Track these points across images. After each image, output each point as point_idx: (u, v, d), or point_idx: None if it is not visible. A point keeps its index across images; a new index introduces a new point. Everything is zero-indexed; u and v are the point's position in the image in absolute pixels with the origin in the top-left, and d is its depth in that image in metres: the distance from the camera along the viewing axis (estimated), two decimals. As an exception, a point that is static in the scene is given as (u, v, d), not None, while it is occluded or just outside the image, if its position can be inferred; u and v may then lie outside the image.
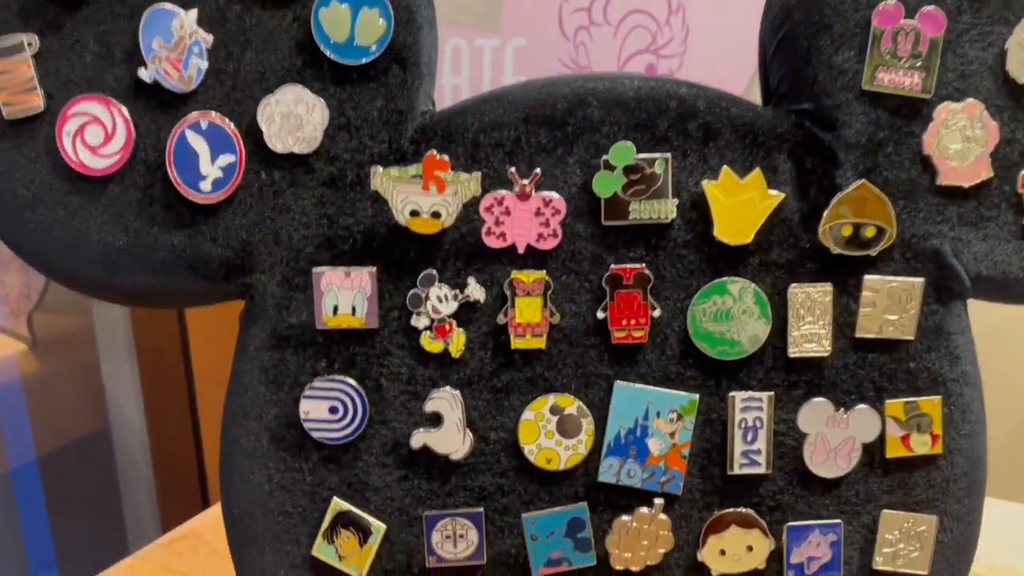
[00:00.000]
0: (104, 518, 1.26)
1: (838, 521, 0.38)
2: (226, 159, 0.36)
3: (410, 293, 0.37)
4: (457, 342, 0.37)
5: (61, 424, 1.27)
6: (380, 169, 0.36)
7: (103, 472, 1.26)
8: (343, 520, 0.37)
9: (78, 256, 0.36)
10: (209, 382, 1.14)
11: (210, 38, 0.35)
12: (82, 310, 1.24)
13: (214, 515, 0.72)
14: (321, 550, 0.38)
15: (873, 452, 0.38)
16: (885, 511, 0.38)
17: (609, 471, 0.38)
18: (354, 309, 0.37)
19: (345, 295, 0.37)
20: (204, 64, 0.36)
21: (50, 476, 1.26)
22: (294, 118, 0.36)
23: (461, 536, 0.38)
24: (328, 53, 0.35)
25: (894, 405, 0.38)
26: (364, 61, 0.35)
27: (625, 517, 0.38)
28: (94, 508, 1.28)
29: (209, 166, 0.36)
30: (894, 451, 0.38)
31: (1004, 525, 0.67)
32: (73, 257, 0.36)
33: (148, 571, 0.64)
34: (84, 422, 1.27)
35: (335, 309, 0.37)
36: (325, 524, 0.37)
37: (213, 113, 0.36)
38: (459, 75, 0.84)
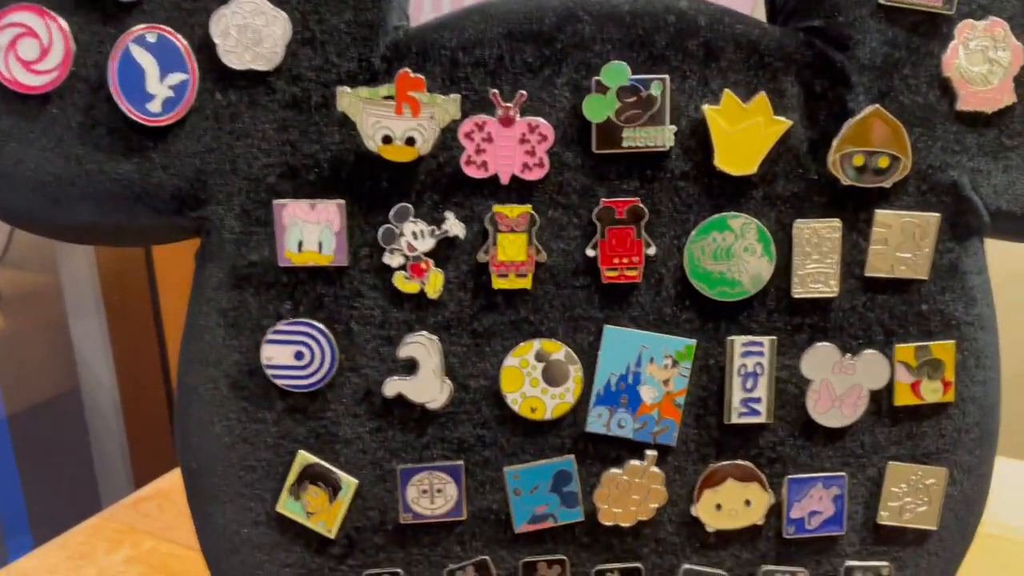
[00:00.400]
0: (76, 476, 1.23)
1: (842, 474, 0.36)
2: (176, 77, 0.32)
3: (382, 228, 0.34)
4: (434, 282, 0.34)
5: (30, 382, 1.23)
6: (348, 90, 0.32)
7: (74, 430, 1.23)
8: (310, 474, 0.35)
9: (13, 186, 0.33)
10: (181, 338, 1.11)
11: (156, -60, 0.32)
12: (48, 267, 1.20)
13: (179, 475, 0.69)
14: (287, 506, 0.35)
15: (881, 400, 0.36)
16: (892, 463, 0.36)
17: (598, 421, 0.35)
18: (321, 245, 0.34)
19: (310, 229, 0.33)
20: (150, -30, 0.32)
21: (21, 434, 1.23)
22: (252, 31, 0.32)
23: (439, 491, 0.35)
24: (289, -42, 0.32)
25: (904, 350, 0.35)
26: (329, -32, 0.32)
27: (615, 470, 0.35)
28: (66, 467, 1.25)
29: (157, 85, 0.32)
30: (903, 399, 0.36)
31: (1007, 481, 0.65)
32: (8, 187, 0.33)
33: (114, 530, 0.62)
34: (54, 380, 1.23)
35: (300, 245, 0.34)
36: (291, 479, 0.35)
37: (162, 26, 0.32)
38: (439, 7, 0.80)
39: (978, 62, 0.34)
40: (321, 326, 0.34)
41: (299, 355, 0.34)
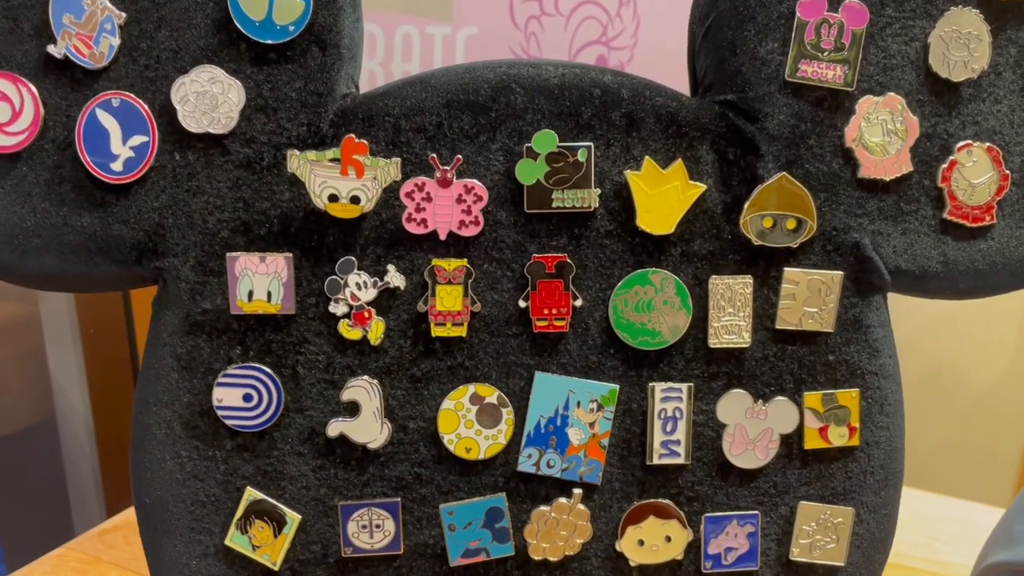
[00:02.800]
0: (50, 504, 1.24)
1: (756, 512, 0.38)
2: (138, 139, 0.35)
3: (328, 279, 0.36)
4: (376, 330, 0.37)
5: (7, 411, 1.24)
6: (297, 152, 0.35)
7: (49, 460, 1.23)
8: (257, 510, 0.37)
9: (-17, 237, 0.35)
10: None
11: (123, 15, 0.34)
12: (28, 298, 1.21)
13: (150, 504, 0.70)
14: (235, 540, 0.37)
15: (791, 444, 0.38)
16: (802, 502, 0.38)
17: (528, 461, 0.38)
18: (270, 295, 0.36)
19: (260, 280, 0.36)
20: (116, 41, 0.35)
21: (-5, 462, 1.23)
22: (209, 98, 0.35)
23: (377, 526, 0.37)
24: (245, 32, 0.35)
25: (812, 397, 0.38)
26: (282, 41, 0.35)
27: (544, 507, 0.38)
28: (40, 495, 1.25)
29: (120, 146, 0.35)
30: (812, 443, 0.38)
31: (945, 519, 0.68)
32: (-22, 238, 0.35)
33: (79, 560, 0.63)
34: (30, 409, 1.24)
35: (250, 295, 0.36)
36: (239, 514, 0.37)
37: (126, 92, 0.35)
38: (409, 62, 0.84)
39: (877, 134, 0.37)
40: (269, 370, 0.36)
41: (248, 397, 0.36)
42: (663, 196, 0.37)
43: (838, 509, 0.39)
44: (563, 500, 0.38)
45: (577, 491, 0.38)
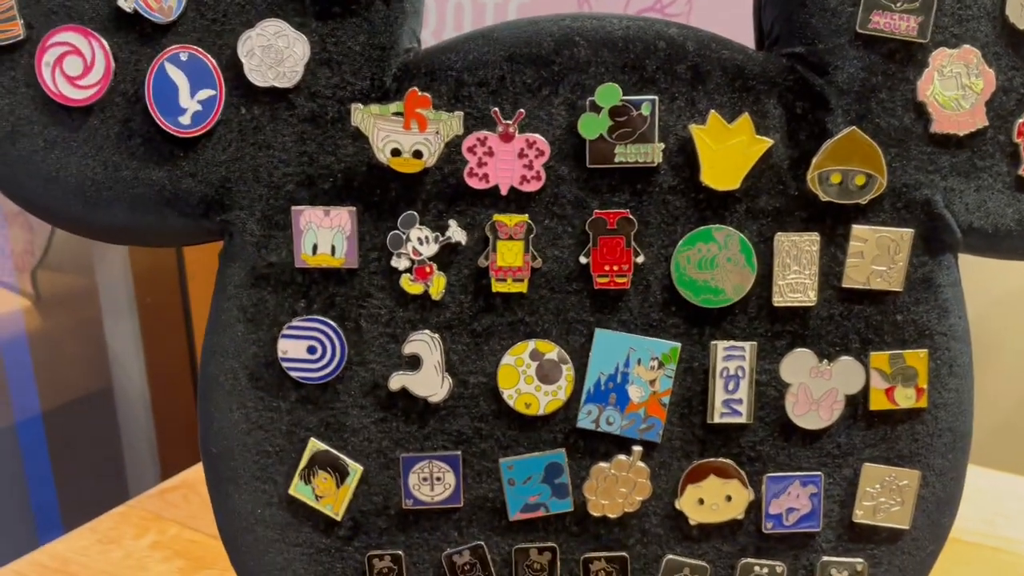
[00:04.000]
0: (106, 472, 1.28)
1: (819, 473, 0.38)
2: (206, 93, 0.35)
3: (390, 234, 0.36)
4: (437, 285, 0.37)
5: (65, 380, 1.28)
6: (360, 106, 0.35)
7: (106, 428, 1.27)
8: (320, 461, 0.37)
9: (57, 190, 0.36)
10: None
11: (191, -31, 0.35)
12: (85, 270, 1.24)
13: (207, 467, 0.72)
14: (298, 490, 0.38)
15: (856, 404, 0.38)
16: (867, 464, 0.38)
17: (588, 418, 0.38)
18: (334, 249, 0.36)
19: (325, 234, 0.36)
20: (184, -5, 0.35)
21: (54, 430, 1.27)
22: (275, 52, 0.35)
23: (438, 479, 0.38)
24: (310, -14, 0.35)
25: (879, 357, 0.37)
26: (346, -5, 0.35)
27: (603, 464, 0.38)
28: (97, 463, 1.29)
29: (188, 100, 0.35)
30: (878, 404, 0.38)
31: (1007, 496, 0.67)
32: (52, 191, 0.36)
33: (140, 518, 0.65)
34: (88, 379, 1.28)
35: (314, 248, 0.36)
36: (302, 464, 0.37)
37: (193, 46, 0.35)
38: (461, 31, 0.83)
39: (951, 88, 0.36)
40: (333, 323, 0.37)
41: (312, 349, 0.37)
42: (728, 151, 0.36)
43: (904, 472, 0.38)
44: (623, 457, 0.38)
45: (637, 448, 0.38)
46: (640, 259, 0.37)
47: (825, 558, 0.38)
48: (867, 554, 0.39)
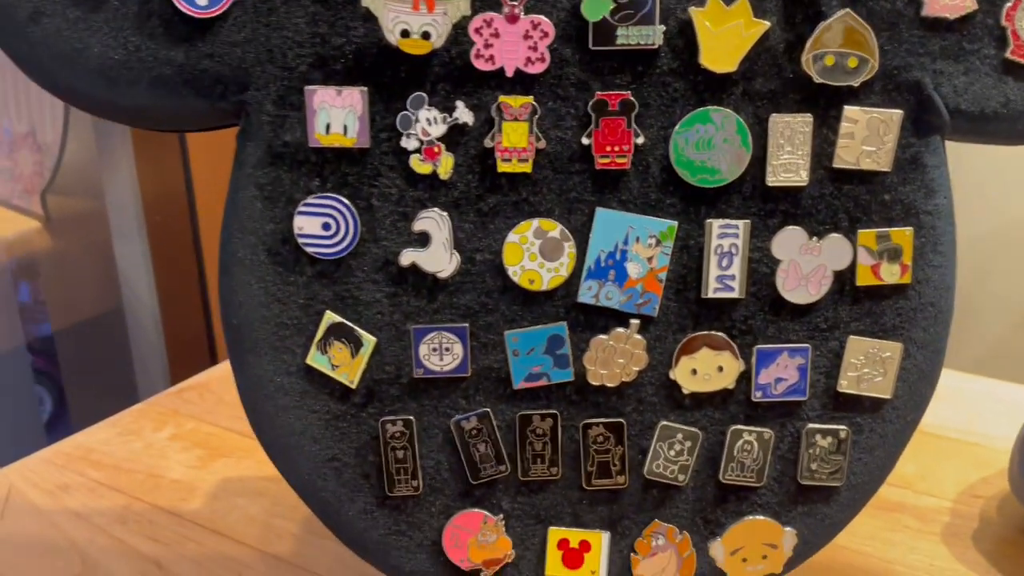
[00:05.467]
0: (119, 392, 1.31)
1: (806, 345, 0.40)
2: (221, -26, 0.37)
3: (400, 115, 0.38)
4: (445, 164, 0.39)
5: (75, 301, 1.30)
6: (371, -13, 0.36)
7: (117, 347, 1.30)
8: (335, 332, 0.40)
9: (79, 69, 0.37)
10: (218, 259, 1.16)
11: None
12: (94, 192, 1.26)
13: (220, 370, 0.75)
14: (315, 359, 0.40)
15: (844, 280, 0.40)
16: (852, 337, 0.40)
17: (588, 293, 0.40)
18: (346, 128, 0.38)
19: (337, 114, 0.38)
20: None
21: (66, 350, 1.30)
22: (287, -67, 0.36)
23: (447, 349, 0.40)
24: None
25: (867, 235, 0.39)
26: None
27: (602, 336, 0.40)
28: (109, 382, 1.32)
29: (204, -19, 0.37)
30: (864, 279, 0.40)
31: (986, 398, 0.69)
32: (74, 70, 0.37)
33: (159, 413, 0.68)
34: (98, 299, 1.30)
35: (327, 127, 0.38)
36: (319, 335, 0.40)
37: (208, -72, 0.36)
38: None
39: (944, -29, 0.37)
40: (346, 201, 0.39)
41: (326, 226, 0.39)
42: (726, 34, 0.37)
43: (887, 344, 0.40)
44: (621, 330, 0.40)
45: (635, 321, 0.40)
46: (640, 140, 0.38)
47: (811, 425, 0.41)
48: (850, 422, 0.41)
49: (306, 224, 0.39)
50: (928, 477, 0.59)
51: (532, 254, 0.39)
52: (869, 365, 0.40)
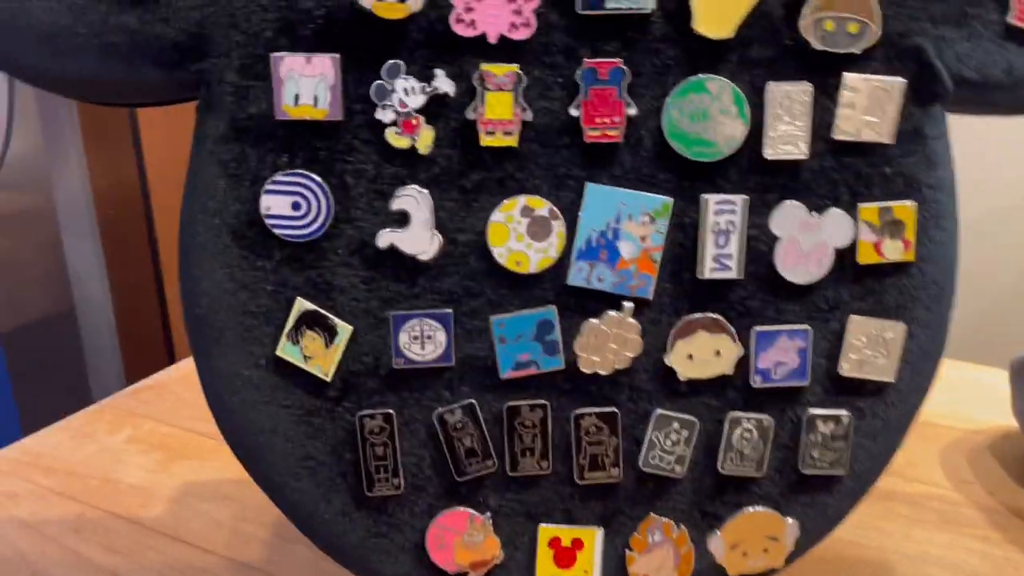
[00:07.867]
0: (72, 394, 1.26)
1: (807, 327, 0.38)
2: (177, -69, 0.34)
3: (375, 84, 0.35)
4: (425, 138, 0.36)
5: (24, 301, 1.25)
6: (343, -55, 0.34)
7: (69, 349, 1.25)
8: (308, 320, 0.37)
9: (20, 37, 0.34)
10: (176, 255, 1.12)
11: None
12: (42, 187, 1.20)
13: (177, 370, 0.71)
14: (286, 350, 0.37)
15: (845, 258, 0.38)
16: (854, 317, 0.38)
17: (579, 275, 0.37)
18: (316, 99, 0.35)
19: (306, 83, 0.35)
20: None
21: (14, 351, 1.24)
22: None
23: (429, 337, 0.37)
24: None
25: (868, 210, 0.37)
26: None
27: (594, 320, 0.37)
28: (61, 385, 1.27)
29: (158, -62, 0.33)
30: (866, 257, 0.38)
31: (971, 384, 0.69)
32: (15, 38, 0.34)
33: (112, 415, 0.64)
34: (48, 300, 1.25)
35: (296, 99, 0.35)
36: (289, 324, 0.37)
37: None
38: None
39: (946, -69, 0.35)
40: (317, 178, 0.36)
41: (296, 205, 0.36)
42: (722, -3, 0.35)
43: (890, 324, 0.38)
44: (613, 313, 0.37)
45: (628, 304, 0.37)
46: (632, 111, 0.36)
47: (811, 411, 0.39)
48: (852, 407, 0.39)
49: (274, 204, 0.36)
50: (917, 464, 0.58)
51: (519, 234, 0.37)
52: (871, 346, 0.38)
